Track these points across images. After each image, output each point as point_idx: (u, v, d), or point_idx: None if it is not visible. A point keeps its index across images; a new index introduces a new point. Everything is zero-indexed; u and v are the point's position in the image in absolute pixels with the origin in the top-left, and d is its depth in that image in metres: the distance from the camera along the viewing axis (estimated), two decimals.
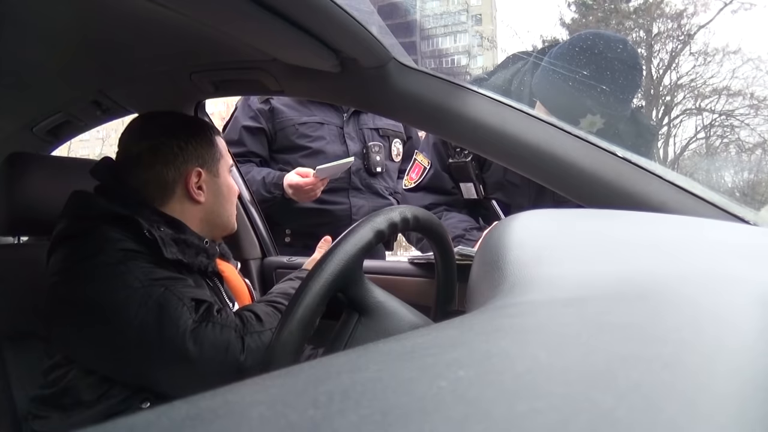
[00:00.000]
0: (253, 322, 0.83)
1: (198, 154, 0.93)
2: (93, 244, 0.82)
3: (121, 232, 0.83)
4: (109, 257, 0.80)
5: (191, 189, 0.92)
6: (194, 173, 0.92)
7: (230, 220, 0.99)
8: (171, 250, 0.84)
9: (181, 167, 0.92)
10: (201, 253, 0.90)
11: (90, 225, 0.84)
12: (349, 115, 1.65)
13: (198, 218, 0.94)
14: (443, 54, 23.36)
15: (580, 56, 1.07)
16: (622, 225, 0.40)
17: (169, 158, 0.91)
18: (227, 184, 0.98)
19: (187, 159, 0.92)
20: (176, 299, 0.79)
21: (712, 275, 0.27)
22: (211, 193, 0.95)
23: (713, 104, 13.94)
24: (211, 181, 0.95)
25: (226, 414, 0.14)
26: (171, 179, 0.91)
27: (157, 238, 0.82)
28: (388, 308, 0.69)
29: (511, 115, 0.81)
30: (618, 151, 0.77)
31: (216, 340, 0.78)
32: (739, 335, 0.19)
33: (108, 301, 0.78)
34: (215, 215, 0.96)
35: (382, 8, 0.92)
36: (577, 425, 0.13)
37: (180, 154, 0.92)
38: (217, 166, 0.96)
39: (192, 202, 0.93)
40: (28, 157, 1.08)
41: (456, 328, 0.22)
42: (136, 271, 0.79)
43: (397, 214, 0.68)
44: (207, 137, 0.96)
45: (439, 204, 1.33)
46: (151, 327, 0.77)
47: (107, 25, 0.93)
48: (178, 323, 0.77)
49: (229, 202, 0.98)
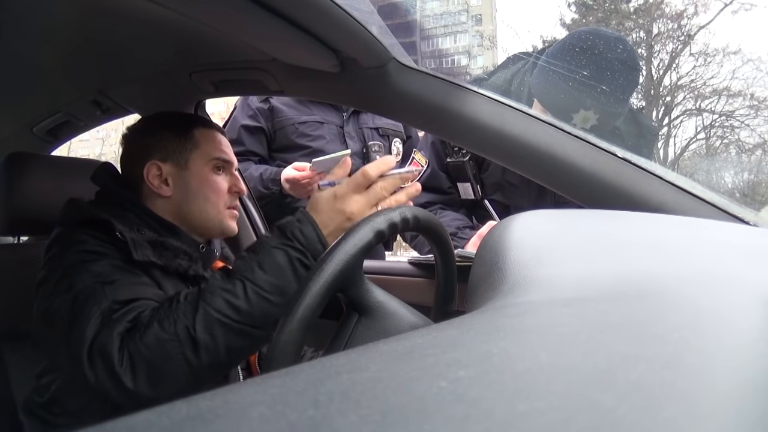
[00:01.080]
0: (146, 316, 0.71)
1: (161, 147, 0.91)
2: (59, 251, 0.81)
3: (90, 233, 0.81)
4: (67, 261, 0.78)
5: (150, 182, 0.90)
6: (152, 166, 0.90)
7: (207, 216, 0.92)
8: (142, 252, 0.80)
9: (142, 159, 0.91)
10: (181, 256, 0.86)
11: (65, 231, 0.84)
12: (349, 114, 1.65)
13: (169, 212, 0.91)
14: (443, 54, 23.37)
15: (576, 53, 1.07)
16: (622, 225, 0.40)
17: (134, 154, 0.93)
18: (200, 177, 0.92)
19: (150, 152, 0.91)
20: (95, 301, 0.72)
21: (712, 275, 0.27)
22: (179, 188, 0.91)
23: (713, 105, 13.97)
24: (179, 174, 0.91)
25: (226, 414, 0.14)
26: (136, 174, 0.91)
27: (127, 240, 0.79)
28: (388, 308, 0.68)
29: (511, 115, 0.81)
30: (618, 151, 0.77)
31: (101, 348, 0.69)
32: (739, 335, 0.19)
33: (56, 307, 0.76)
34: (186, 211, 0.92)
35: (382, 8, 0.92)
36: (577, 425, 0.13)
37: (144, 149, 0.92)
38: (187, 157, 0.92)
39: (158, 196, 0.91)
40: (28, 157, 1.08)
41: (456, 328, 0.22)
42: (84, 274, 0.76)
43: (397, 215, 0.68)
44: (180, 130, 0.93)
45: (435, 203, 1.33)
46: (73, 327, 0.72)
47: (107, 25, 0.93)
48: (84, 330, 0.70)
49: (204, 198, 0.92)
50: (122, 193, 0.91)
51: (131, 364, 0.68)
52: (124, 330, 0.70)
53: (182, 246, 0.87)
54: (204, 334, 0.69)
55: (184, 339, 0.69)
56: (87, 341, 0.70)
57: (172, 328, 0.69)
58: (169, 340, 0.69)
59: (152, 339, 0.69)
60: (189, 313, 0.70)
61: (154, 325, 0.70)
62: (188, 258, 0.87)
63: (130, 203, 0.89)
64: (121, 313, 0.72)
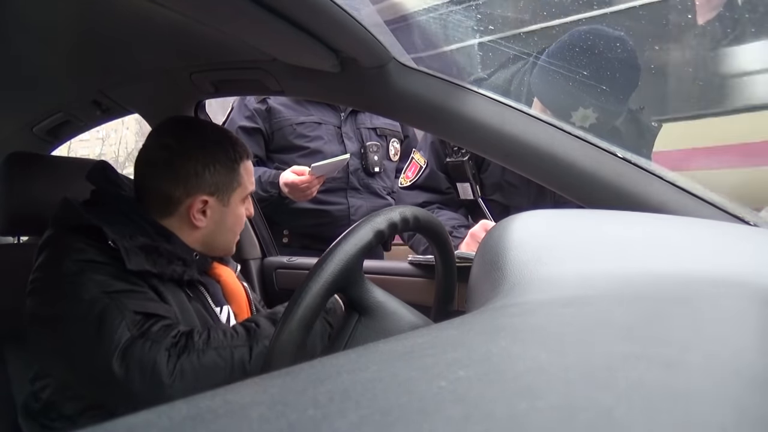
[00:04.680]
0: (199, 341, 0.78)
1: (213, 182, 0.89)
2: (54, 256, 0.81)
3: (85, 241, 0.80)
4: (66, 269, 0.78)
5: (193, 214, 0.89)
6: (200, 201, 0.88)
7: (228, 246, 0.95)
8: (135, 260, 0.80)
9: (191, 191, 0.88)
10: (175, 262, 0.85)
11: (58, 235, 0.84)
12: (347, 114, 1.65)
13: (192, 238, 0.91)
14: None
15: (576, 53, 1.07)
16: (622, 225, 0.40)
17: (181, 178, 0.87)
18: (236, 214, 0.93)
19: (200, 185, 0.88)
20: (117, 312, 0.75)
21: (712, 275, 0.27)
22: (214, 221, 0.91)
23: None
24: (218, 210, 0.91)
25: (226, 414, 0.14)
26: (176, 199, 0.88)
27: (120, 249, 0.79)
28: (388, 308, 0.69)
29: (511, 115, 0.81)
30: (618, 151, 0.77)
31: (143, 358, 0.74)
32: (739, 335, 0.19)
33: (56, 315, 0.77)
34: (212, 240, 0.92)
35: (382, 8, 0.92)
36: (577, 425, 0.13)
37: (194, 178, 0.87)
38: (230, 195, 0.91)
39: (190, 225, 0.90)
40: (28, 157, 1.08)
41: (456, 328, 0.22)
42: (89, 284, 0.77)
43: (397, 215, 0.68)
44: (229, 165, 0.91)
45: (432, 203, 1.33)
46: (89, 341, 0.74)
47: (107, 25, 0.93)
48: (113, 338, 0.73)
49: (231, 232, 0.94)
50: (117, 195, 0.89)
51: (182, 378, 0.75)
52: (171, 345, 0.76)
53: (176, 251, 0.86)
54: (256, 369, 0.77)
55: (238, 368, 0.78)
56: (117, 350, 0.73)
57: (229, 357, 0.78)
58: (225, 367, 0.77)
59: (209, 361, 0.77)
60: (245, 351, 0.79)
61: (210, 351, 0.77)
62: (182, 263, 0.86)
63: (125, 206, 0.87)
64: (150, 325, 0.77)
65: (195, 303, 0.88)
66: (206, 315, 0.89)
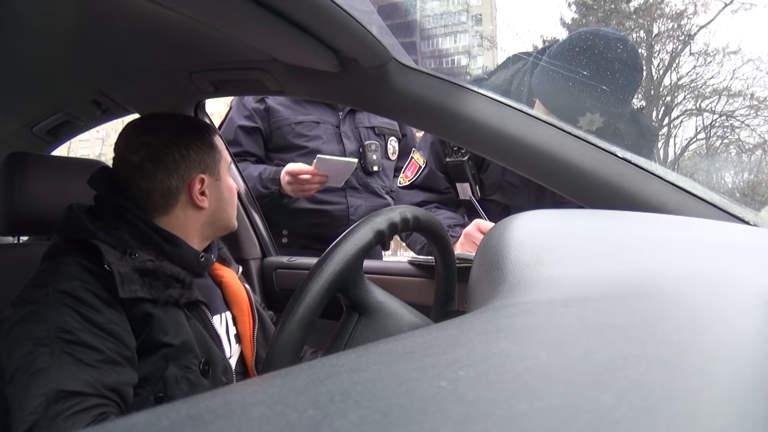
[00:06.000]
0: None
1: (200, 160, 0.92)
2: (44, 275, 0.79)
3: (82, 262, 0.79)
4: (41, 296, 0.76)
5: (195, 196, 0.90)
6: (197, 180, 0.91)
7: (231, 220, 0.98)
8: (129, 287, 0.78)
9: (185, 175, 0.90)
10: (172, 285, 0.84)
11: (59, 249, 0.83)
12: (345, 113, 1.65)
13: (200, 223, 0.92)
14: (443, 54, 23.37)
15: (579, 54, 1.07)
16: (622, 225, 0.40)
17: (170, 166, 0.89)
18: (228, 186, 0.97)
19: (190, 166, 0.90)
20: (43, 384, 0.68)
21: (712, 275, 0.27)
22: (214, 197, 0.94)
23: (713, 105, 13.97)
24: (214, 186, 0.94)
25: (226, 414, 0.14)
26: (174, 188, 0.89)
27: (115, 274, 0.77)
28: (388, 308, 0.69)
29: (511, 115, 0.81)
30: (618, 151, 0.77)
31: None
32: (739, 335, 0.19)
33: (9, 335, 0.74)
34: (218, 218, 0.95)
35: (382, 8, 0.92)
36: (577, 425, 0.13)
37: (182, 161, 0.90)
38: (218, 168, 0.95)
39: (195, 208, 0.91)
40: (28, 157, 1.08)
41: (456, 328, 0.22)
42: (48, 323, 0.73)
43: (397, 215, 0.68)
44: (207, 140, 0.94)
45: (430, 202, 1.33)
46: (17, 384, 0.69)
47: (107, 25, 0.93)
48: (29, 404, 0.67)
49: (230, 204, 0.97)
50: (119, 203, 0.88)
51: None
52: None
53: (176, 271, 0.85)
54: None
55: None
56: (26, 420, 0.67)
57: None
58: None
59: None
60: None
61: None
62: (180, 285, 0.85)
63: (129, 213, 0.86)
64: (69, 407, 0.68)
65: (193, 321, 0.87)
66: (205, 334, 0.87)
